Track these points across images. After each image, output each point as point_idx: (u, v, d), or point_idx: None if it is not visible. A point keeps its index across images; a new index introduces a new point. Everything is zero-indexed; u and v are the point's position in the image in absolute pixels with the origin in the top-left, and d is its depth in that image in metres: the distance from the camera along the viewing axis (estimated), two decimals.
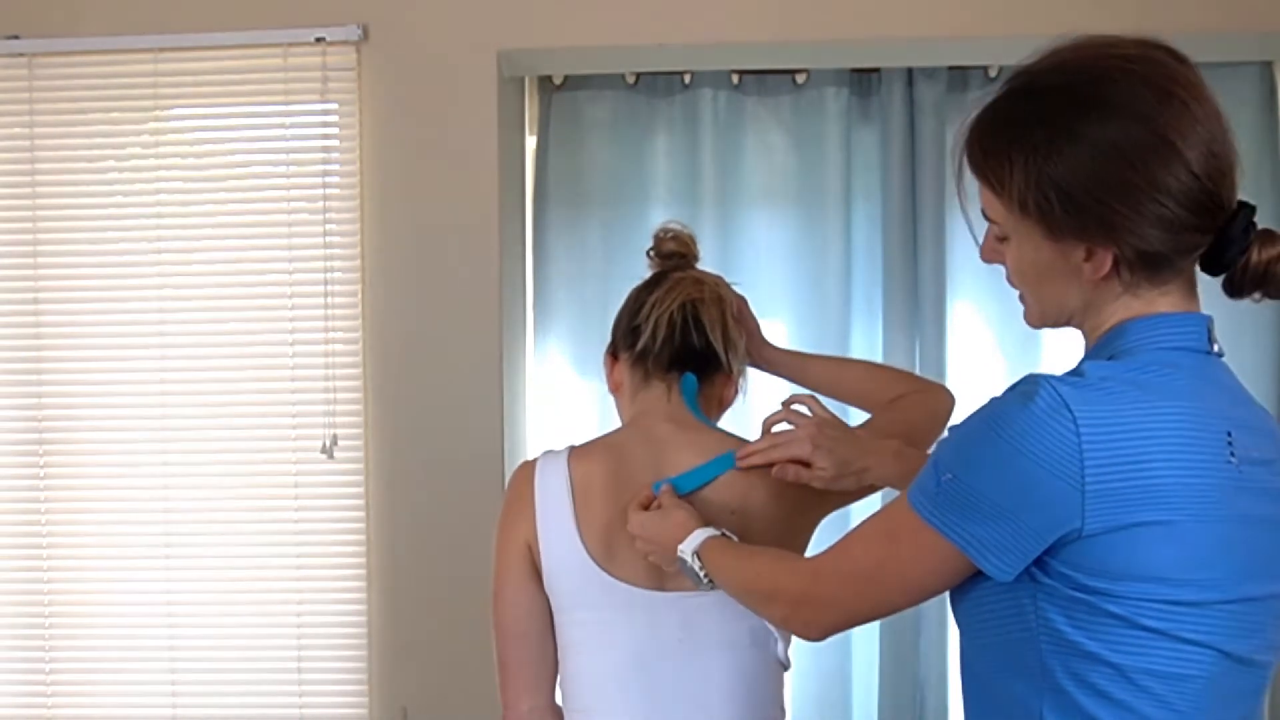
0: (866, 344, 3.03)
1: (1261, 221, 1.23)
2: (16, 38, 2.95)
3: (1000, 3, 2.80)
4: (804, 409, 1.65)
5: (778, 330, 3.00)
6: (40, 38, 2.95)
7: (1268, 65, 2.93)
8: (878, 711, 3.01)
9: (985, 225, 1.29)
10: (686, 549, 1.51)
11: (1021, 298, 1.31)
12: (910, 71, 2.97)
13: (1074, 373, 1.20)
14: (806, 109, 3.03)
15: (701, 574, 1.51)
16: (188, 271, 2.97)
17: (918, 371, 2.89)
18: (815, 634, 1.38)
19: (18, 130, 2.98)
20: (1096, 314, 1.25)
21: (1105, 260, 1.20)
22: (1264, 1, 2.76)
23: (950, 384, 2.59)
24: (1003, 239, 1.27)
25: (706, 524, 1.54)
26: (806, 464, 1.58)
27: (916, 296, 2.98)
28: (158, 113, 2.97)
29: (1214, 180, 1.18)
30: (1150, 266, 1.21)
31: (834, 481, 1.58)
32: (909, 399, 1.77)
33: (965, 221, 1.32)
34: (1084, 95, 1.19)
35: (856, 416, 1.86)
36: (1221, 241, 1.20)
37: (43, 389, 3.01)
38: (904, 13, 2.83)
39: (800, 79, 3.03)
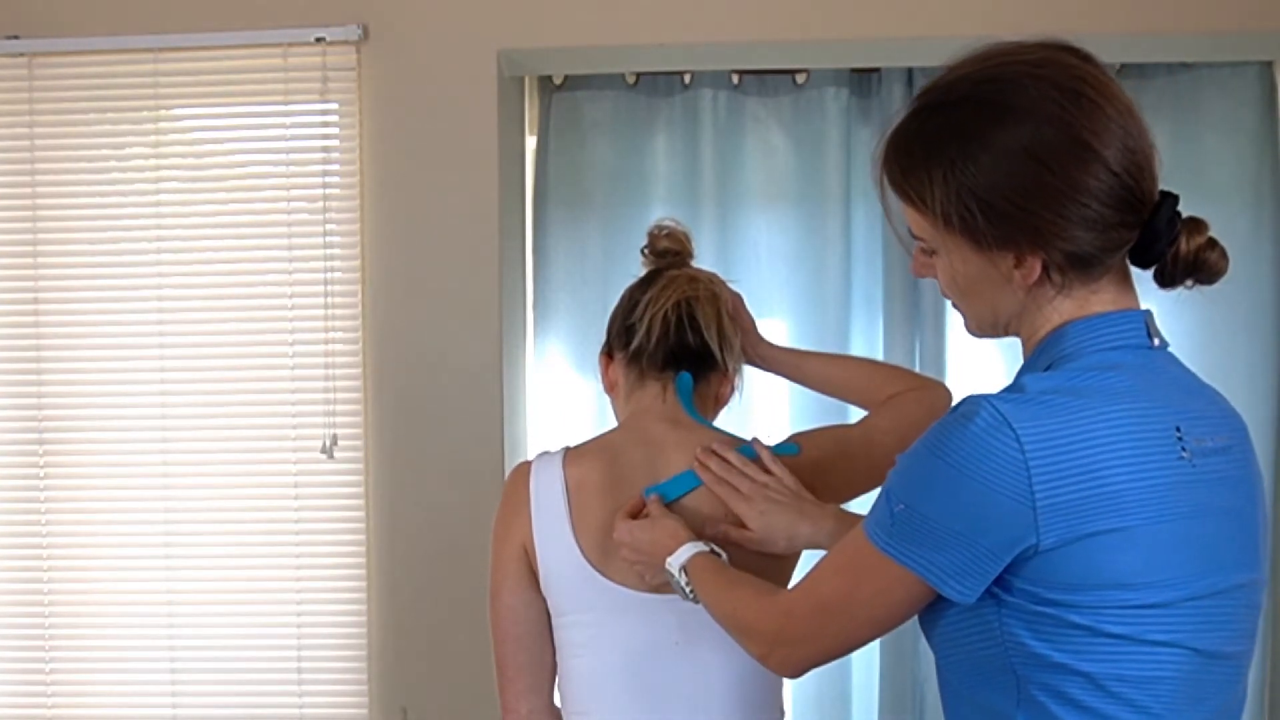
0: (866, 343, 3.03)
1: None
2: (16, 38, 2.95)
3: (1000, 3, 2.80)
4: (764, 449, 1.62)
5: (778, 330, 3.00)
6: (40, 38, 2.95)
7: (1268, 65, 2.93)
8: (877, 711, 3.01)
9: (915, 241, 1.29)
10: (674, 563, 1.50)
11: (957, 308, 1.31)
12: (910, 71, 2.97)
13: (1013, 388, 1.19)
14: (806, 109, 3.03)
15: (688, 589, 1.50)
16: (188, 271, 2.97)
17: (918, 371, 2.89)
18: (791, 672, 1.38)
19: (18, 130, 2.97)
20: (1032, 320, 1.24)
21: (1034, 266, 1.20)
22: (1264, 1, 2.76)
23: (950, 383, 2.58)
24: (931, 253, 1.27)
25: (696, 536, 1.53)
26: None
27: (916, 296, 2.98)
28: (158, 113, 2.97)
29: (1133, 175, 1.18)
30: (1080, 267, 1.20)
31: (760, 545, 1.57)
32: (906, 396, 1.76)
33: (897, 240, 1.32)
34: (993, 103, 1.19)
35: (854, 414, 1.85)
36: (1148, 234, 1.20)
37: (43, 389, 3.00)
38: (904, 13, 2.83)
39: (800, 79, 3.03)
